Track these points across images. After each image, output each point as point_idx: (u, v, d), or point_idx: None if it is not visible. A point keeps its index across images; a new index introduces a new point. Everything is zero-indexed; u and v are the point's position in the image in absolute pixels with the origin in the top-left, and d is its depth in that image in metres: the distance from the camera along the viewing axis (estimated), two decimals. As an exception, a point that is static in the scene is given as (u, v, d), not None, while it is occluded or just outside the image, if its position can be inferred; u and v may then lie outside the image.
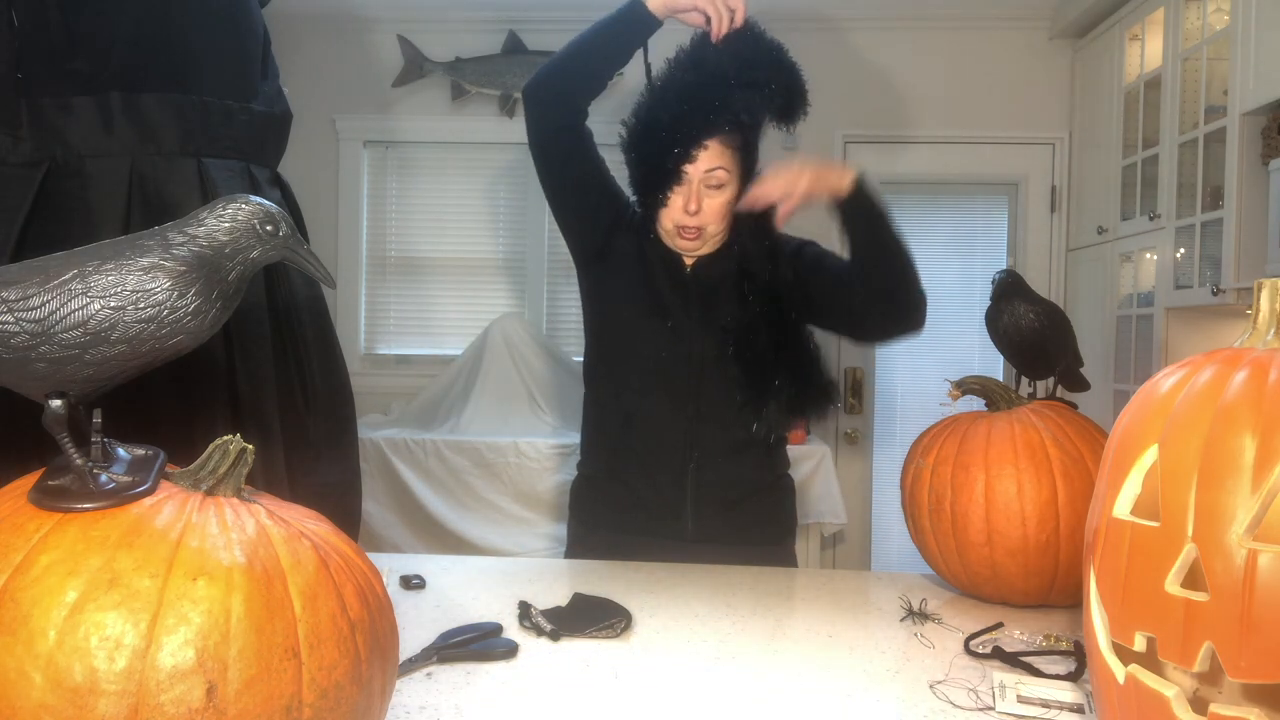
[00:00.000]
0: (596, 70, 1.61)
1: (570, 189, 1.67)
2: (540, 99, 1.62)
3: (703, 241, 1.60)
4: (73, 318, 0.70)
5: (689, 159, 1.54)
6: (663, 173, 1.56)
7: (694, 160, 1.54)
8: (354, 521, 1.76)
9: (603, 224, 1.67)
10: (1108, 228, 3.31)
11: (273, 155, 1.68)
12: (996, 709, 0.97)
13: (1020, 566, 1.28)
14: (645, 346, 1.62)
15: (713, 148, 1.54)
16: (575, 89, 1.61)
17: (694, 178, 1.55)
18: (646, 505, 1.63)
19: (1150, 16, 3.05)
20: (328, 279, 0.83)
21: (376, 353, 3.95)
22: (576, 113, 1.62)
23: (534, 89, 1.63)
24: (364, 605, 0.74)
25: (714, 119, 1.53)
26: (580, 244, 1.71)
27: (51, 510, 0.68)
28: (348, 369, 1.77)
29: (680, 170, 1.55)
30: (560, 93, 1.61)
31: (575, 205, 1.68)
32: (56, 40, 1.44)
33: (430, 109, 3.85)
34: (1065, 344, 1.55)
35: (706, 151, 1.54)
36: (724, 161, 1.56)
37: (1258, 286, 0.79)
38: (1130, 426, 0.78)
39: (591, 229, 1.68)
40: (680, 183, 1.56)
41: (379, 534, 3.18)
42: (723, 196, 1.57)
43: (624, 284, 1.66)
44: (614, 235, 1.67)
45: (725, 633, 1.22)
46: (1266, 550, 0.65)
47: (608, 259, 1.67)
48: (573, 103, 1.61)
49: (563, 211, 1.69)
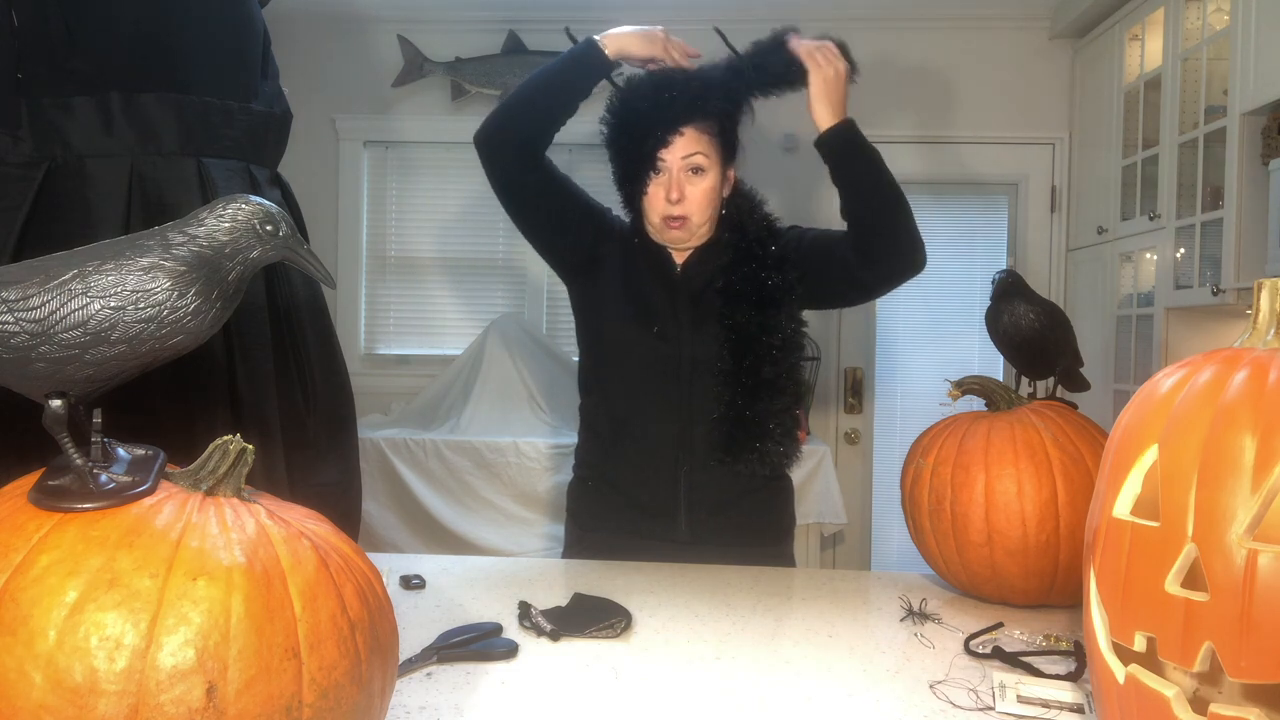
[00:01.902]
0: (551, 114, 1.58)
1: (543, 224, 1.66)
2: (494, 148, 1.59)
3: (690, 232, 1.59)
4: (73, 318, 0.70)
5: (665, 145, 1.54)
6: (641, 163, 1.56)
7: (670, 146, 1.54)
8: (354, 521, 1.76)
9: (585, 242, 1.66)
10: (1108, 228, 3.31)
11: (273, 155, 1.68)
12: (996, 709, 0.98)
13: (1020, 566, 1.28)
14: (635, 353, 1.61)
15: (689, 134, 1.55)
16: (529, 134, 1.58)
17: (673, 165, 1.55)
18: (640, 509, 1.63)
19: (1150, 16, 3.05)
20: (328, 279, 0.83)
21: (376, 353, 3.95)
22: (534, 156, 1.59)
23: (486, 139, 1.59)
24: (364, 605, 0.74)
25: (687, 105, 1.54)
26: (564, 264, 1.71)
27: (51, 510, 0.68)
28: (348, 369, 1.77)
29: (657, 158, 1.55)
30: (513, 142, 1.58)
31: (551, 236, 1.68)
32: (56, 40, 1.44)
33: (430, 109, 3.85)
34: (1065, 344, 1.55)
35: (683, 138, 1.55)
36: (701, 146, 1.56)
37: (1258, 286, 0.79)
38: (1130, 426, 0.78)
39: (573, 250, 1.68)
40: (659, 172, 1.56)
41: (379, 534, 3.18)
42: (705, 183, 1.57)
43: (612, 292, 1.65)
44: (598, 247, 1.66)
45: (725, 633, 1.22)
46: (1266, 550, 0.65)
47: (594, 271, 1.67)
48: (528, 148, 1.58)
49: (541, 243, 1.70)
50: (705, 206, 1.58)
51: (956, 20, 3.68)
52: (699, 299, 1.60)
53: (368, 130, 3.89)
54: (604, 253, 1.66)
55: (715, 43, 1.66)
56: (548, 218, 1.65)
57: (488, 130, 1.59)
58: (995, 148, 3.71)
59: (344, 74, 3.85)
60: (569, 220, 1.65)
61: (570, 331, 3.85)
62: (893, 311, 3.76)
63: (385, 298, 3.95)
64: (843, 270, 1.60)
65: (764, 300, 1.56)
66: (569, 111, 1.59)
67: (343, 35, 3.84)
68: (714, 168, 1.57)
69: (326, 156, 3.87)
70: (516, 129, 1.58)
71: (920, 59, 3.70)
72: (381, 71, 3.82)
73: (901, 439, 3.73)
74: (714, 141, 1.57)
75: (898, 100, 3.69)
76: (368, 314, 3.95)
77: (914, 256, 1.57)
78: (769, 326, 1.56)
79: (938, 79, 3.70)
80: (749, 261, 1.58)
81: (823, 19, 3.64)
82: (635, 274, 1.64)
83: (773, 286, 1.57)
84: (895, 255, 1.56)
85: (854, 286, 1.64)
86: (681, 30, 1.63)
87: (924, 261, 1.58)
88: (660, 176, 1.57)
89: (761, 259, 1.58)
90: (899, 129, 3.68)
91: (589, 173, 2.44)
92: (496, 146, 1.59)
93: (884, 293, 1.64)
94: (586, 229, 1.66)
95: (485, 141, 1.59)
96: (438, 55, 3.79)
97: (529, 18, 3.72)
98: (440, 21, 3.80)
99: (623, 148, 1.59)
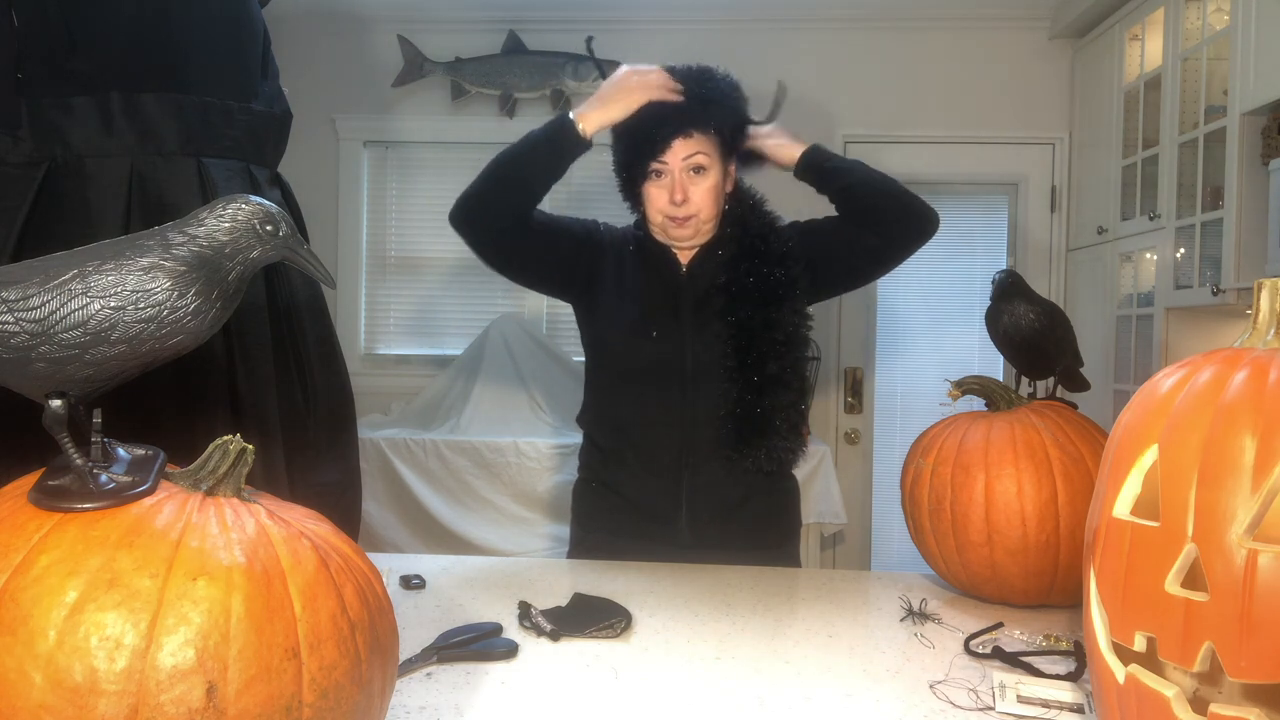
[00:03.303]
0: (527, 194, 1.57)
1: (535, 274, 1.69)
2: (471, 231, 1.58)
3: (695, 229, 1.59)
4: (73, 318, 0.70)
5: (665, 150, 1.54)
6: (643, 170, 1.57)
7: (670, 150, 1.55)
8: (354, 521, 1.76)
9: (580, 269, 1.66)
10: (1108, 228, 3.31)
11: (273, 155, 1.68)
12: (996, 709, 0.98)
13: (1020, 566, 1.28)
14: (637, 359, 1.61)
15: (693, 135, 1.56)
16: (504, 217, 1.57)
17: (674, 167, 1.55)
18: (644, 513, 1.63)
19: (1150, 16, 3.05)
20: (328, 279, 0.83)
21: (376, 353, 3.95)
22: (515, 229, 1.58)
23: (464, 223, 1.57)
24: (364, 605, 0.74)
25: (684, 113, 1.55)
26: (563, 293, 1.72)
27: (51, 510, 0.68)
28: (348, 369, 1.77)
29: (658, 163, 1.56)
30: (491, 227, 1.58)
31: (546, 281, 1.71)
32: (56, 40, 1.44)
33: (430, 109, 3.85)
34: (1065, 344, 1.55)
35: (685, 140, 1.55)
36: (701, 146, 1.56)
37: (1258, 286, 0.79)
38: (1130, 426, 0.78)
39: (569, 280, 1.68)
40: (662, 175, 1.57)
41: (379, 534, 3.18)
42: (707, 181, 1.57)
43: (613, 301, 1.64)
44: (594, 266, 1.66)
45: (725, 633, 1.22)
46: (1266, 550, 0.65)
47: (593, 286, 1.67)
48: (507, 226, 1.58)
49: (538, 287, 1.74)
50: (710, 204, 1.58)
51: (956, 20, 3.68)
52: (704, 298, 1.60)
53: (368, 130, 3.89)
54: (601, 267, 1.66)
55: (716, 42, 1.67)
56: (539, 268, 1.67)
57: (462, 214, 1.57)
58: (995, 148, 3.71)
59: (344, 74, 3.85)
60: (562, 260, 1.66)
61: (570, 332, 3.87)
62: (893, 312, 3.76)
63: (385, 298, 3.95)
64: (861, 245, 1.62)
65: (768, 296, 1.56)
66: (544, 191, 1.58)
67: (343, 35, 3.84)
68: (715, 165, 1.58)
69: (326, 156, 3.87)
70: (493, 213, 1.57)
71: (920, 59, 3.70)
72: (381, 71, 3.82)
73: (901, 439, 3.73)
74: (713, 140, 1.57)
75: (898, 100, 3.69)
76: (368, 314, 3.95)
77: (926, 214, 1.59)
78: (773, 322, 1.55)
79: (938, 79, 3.70)
80: (752, 257, 1.58)
81: (824, 18, 3.66)
82: (635, 281, 1.64)
83: (776, 281, 1.57)
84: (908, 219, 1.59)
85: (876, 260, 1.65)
86: (681, 29, 1.63)
87: (936, 218, 1.60)
88: (663, 180, 1.57)
89: (765, 254, 1.58)
90: (899, 129, 3.68)
91: (588, 174, 2.44)
92: (474, 230, 1.58)
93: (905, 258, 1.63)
94: (581, 256, 1.66)
95: (462, 226, 1.58)
96: (438, 55, 3.79)
97: (529, 18, 3.72)
98: (440, 21, 3.80)
99: (624, 153, 1.60)
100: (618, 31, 3.62)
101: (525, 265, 1.66)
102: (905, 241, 1.61)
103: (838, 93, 3.58)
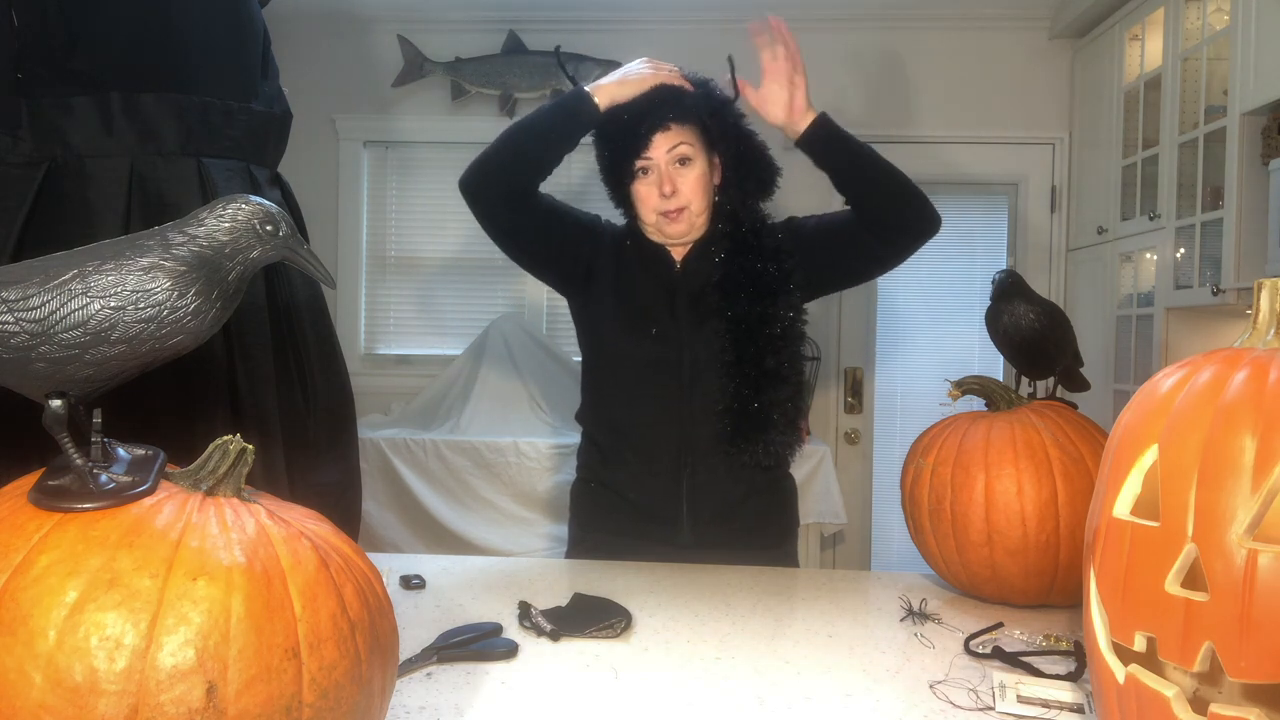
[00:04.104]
0: (541, 163, 1.58)
1: (538, 256, 1.68)
2: (481, 198, 1.58)
3: (689, 222, 1.59)
4: (73, 318, 0.70)
5: (648, 145, 1.55)
6: (629, 167, 1.57)
7: (653, 144, 1.55)
8: (354, 521, 1.76)
9: (581, 260, 1.66)
10: (1108, 228, 3.31)
11: (273, 155, 1.68)
12: (996, 709, 0.98)
13: (1020, 566, 1.28)
14: (634, 358, 1.61)
15: (670, 128, 1.56)
16: (518, 184, 1.58)
17: (660, 161, 1.56)
18: (642, 514, 1.63)
19: (1150, 16, 3.05)
20: (328, 279, 0.83)
21: (376, 353, 3.95)
22: (524, 199, 1.59)
23: (474, 189, 1.57)
24: (364, 605, 0.74)
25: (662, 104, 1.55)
26: (561, 283, 1.72)
27: (51, 510, 0.68)
28: (348, 369, 1.77)
29: (643, 159, 1.56)
30: (501, 193, 1.58)
31: (546, 264, 1.70)
32: (56, 40, 1.44)
33: (430, 109, 3.85)
34: (1065, 344, 1.55)
35: (664, 133, 1.55)
36: (684, 137, 1.56)
37: (1258, 286, 0.79)
38: (1130, 426, 0.78)
39: (570, 270, 1.68)
40: (648, 172, 1.57)
41: (379, 534, 3.18)
42: (694, 171, 1.57)
43: (609, 300, 1.64)
44: (594, 260, 1.66)
45: (725, 633, 1.22)
46: (1266, 550, 0.65)
47: (591, 282, 1.67)
48: (517, 195, 1.58)
49: (537, 270, 1.72)
50: (700, 194, 1.58)
51: (956, 20, 3.68)
52: (699, 295, 1.60)
53: (368, 130, 3.89)
54: (600, 263, 1.66)
55: (715, 42, 1.67)
56: (543, 248, 1.67)
57: (474, 179, 1.57)
58: (995, 148, 3.71)
59: (344, 74, 3.85)
60: (565, 246, 1.66)
61: (570, 332, 3.85)
62: (893, 312, 3.76)
63: (385, 298, 3.95)
64: (857, 245, 1.61)
65: (763, 291, 1.56)
66: (557, 161, 1.59)
67: (343, 35, 3.85)
68: (700, 155, 1.58)
69: (326, 156, 3.87)
70: (505, 179, 1.57)
71: (920, 59, 3.70)
72: (381, 71, 3.82)
73: (901, 439, 3.73)
74: (696, 130, 1.58)
75: (898, 100, 3.69)
76: (368, 314, 3.95)
77: (927, 211, 1.58)
78: (769, 317, 1.55)
79: (938, 79, 3.70)
80: (746, 252, 1.58)
81: (823, 18, 3.65)
82: (631, 279, 1.64)
83: (771, 276, 1.57)
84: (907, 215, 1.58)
85: (873, 260, 1.64)
86: (681, 29, 1.63)
87: (939, 218, 1.59)
88: (650, 176, 1.57)
89: (758, 249, 1.58)
90: (899, 128, 3.68)
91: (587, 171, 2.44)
92: (483, 196, 1.58)
93: (903, 259, 1.62)
94: (582, 247, 1.66)
95: (472, 191, 1.58)
96: (438, 55, 3.79)
97: (529, 18, 3.72)
98: (440, 21, 3.80)
99: (608, 151, 1.60)
100: (617, 31, 3.62)
101: (530, 241, 1.65)
102: (905, 238, 1.60)
103: (837, 92, 3.58)
